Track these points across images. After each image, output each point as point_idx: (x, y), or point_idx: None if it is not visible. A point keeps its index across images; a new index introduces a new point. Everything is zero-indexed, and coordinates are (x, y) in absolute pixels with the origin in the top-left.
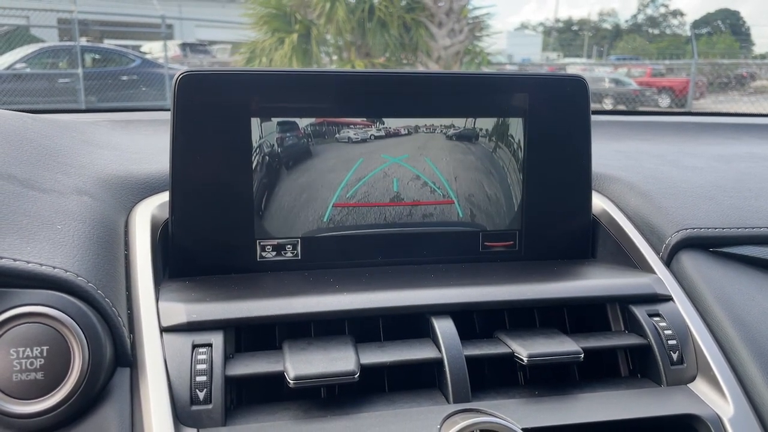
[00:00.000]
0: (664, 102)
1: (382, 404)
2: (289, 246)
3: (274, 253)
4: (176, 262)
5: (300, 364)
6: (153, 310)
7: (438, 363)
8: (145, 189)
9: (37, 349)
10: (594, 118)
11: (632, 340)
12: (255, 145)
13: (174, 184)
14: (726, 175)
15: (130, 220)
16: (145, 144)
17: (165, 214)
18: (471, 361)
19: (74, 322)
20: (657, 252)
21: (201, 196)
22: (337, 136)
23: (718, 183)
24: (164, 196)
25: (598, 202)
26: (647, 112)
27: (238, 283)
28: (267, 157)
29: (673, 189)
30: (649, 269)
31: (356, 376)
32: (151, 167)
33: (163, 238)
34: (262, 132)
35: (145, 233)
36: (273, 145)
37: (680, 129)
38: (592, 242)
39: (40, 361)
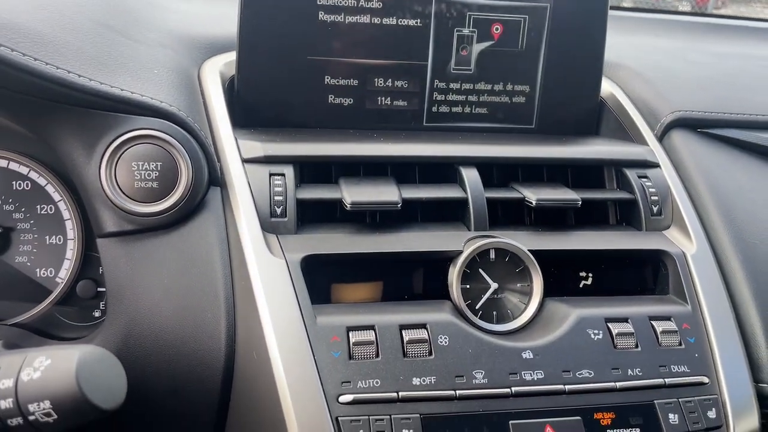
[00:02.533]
0: (684, 8)
1: (417, 229)
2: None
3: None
4: (241, 114)
5: (354, 193)
6: (234, 145)
7: (463, 202)
8: (211, 49)
9: (152, 164)
10: (612, 13)
11: (622, 195)
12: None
13: (242, 41)
14: (722, 70)
15: (201, 73)
16: (204, 9)
17: (231, 71)
18: (489, 203)
19: (180, 145)
20: (652, 130)
21: (266, 53)
22: None
23: (713, 76)
24: (228, 56)
25: (607, 86)
26: (662, 10)
27: (301, 132)
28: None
29: (674, 78)
30: (643, 143)
31: (399, 205)
32: (215, 30)
33: (228, 93)
34: None
35: (216, 85)
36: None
37: (691, 28)
38: (597, 121)
39: (155, 174)
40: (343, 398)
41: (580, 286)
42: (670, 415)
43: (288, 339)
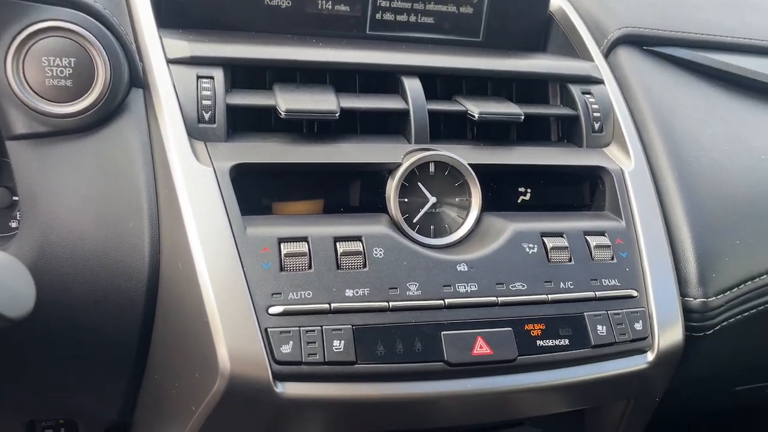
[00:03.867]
0: None
1: (355, 140)
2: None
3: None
4: (168, 14)
5: (290, 100)
6: (158, 44)
7: (404, 113)
8: None
9: (65, 60)
10: None
11: (565, 111)
12: None
13: None
14: None
15: None
16: None
17: None
18: (431, 115)
19: (97, 40)
20: (599, 46)
21: None
22: None
23: None
24: None
25: (556, 1)
26: None
27: (233, 34)
28: None
29: None
30: (589, 59)
31: (336, 114)
32: None
33: None
34: None
35: None
36: None
37: None
38: (545, 37)
39: (69, 71)
40: (273, 310)
41: (519, 201)
42: (598, 327)
43: (215, 250)
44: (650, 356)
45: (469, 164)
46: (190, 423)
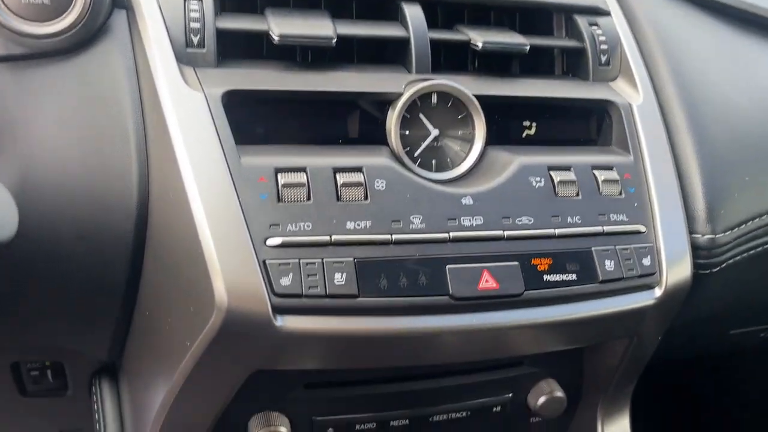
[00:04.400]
0: None
1: (353, 69)
2: None
3: None
4: None
5: (283, 25)
6: None
7: (404, 42)
8: None
9: None
10: None
11: (571, 43)
12: None
13: None
14: None
15: None
16: None
17: None
18: (432, 44)
19: None
20: None
21: None
22: None
23: None
24: None
25: None
26: None
27: None
28: None
29: None
30: None
31: (333, 41)
32: None
33: None
34: None
35: None
36: None
37: None
38: None
39: None
40: (271, 241)
41: (523, 136)
42: (606, 262)
43: (209, 180)
44: (658, 292)
45: (473, 95)
46: (183, 360)
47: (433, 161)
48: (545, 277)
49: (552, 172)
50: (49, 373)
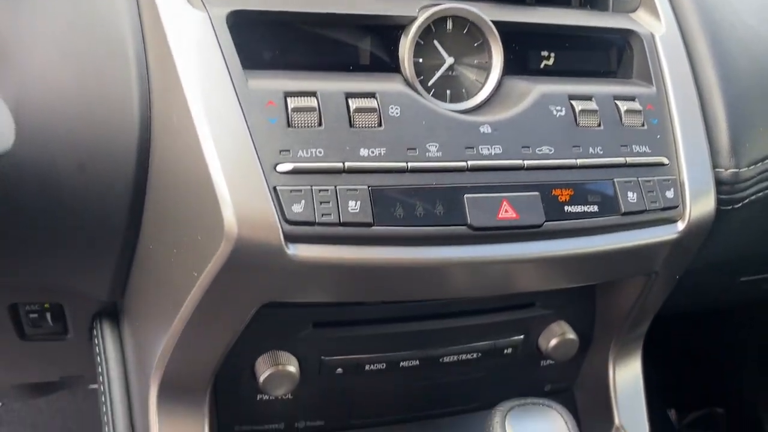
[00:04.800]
0: None
1: None
2: None
3: None
4: None
5: None
6: None
7: None
8: None
9: None
10: None
11: None
12: None
13: None
14: None
15: None
16: None
17: None
18: None
19: None
20: None
21: None
22: None
23: None
24: None
25: None
26: None
27: None
28: None
29: None
30: None
31: None
32: None
33: None
34: None
35: None
36: None
37: None
38: None
39: None
40: (282, 167)
41: (541, 66)
42: (629, 194)
43: (215, 104)
44: (680, 226)
45: (490, 21)
46: (190, 293)
47: (448, 92)
48: (566, 208)
49: (573, 102)
50: (48, 316)
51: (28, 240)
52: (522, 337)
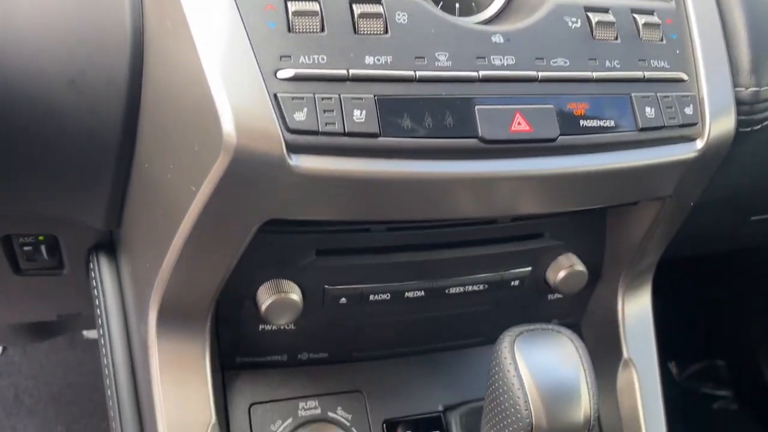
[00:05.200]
0: None
1: None
2: None
3: None
4: None
5: None
6: None
7: None
8: None
9: None
10: None
11: None
12: None
13: None
14: None
15: None
16: None
17: None
18: None
19: None
20: None
21: None
22: None
23: None
24: None
25: None
26: None
27: None
28: None
29: None
30: None
31: None
32: None
33: None
34: None
35: None
36: None
37: None
38: None
39: None
40: (282, 73)
41: None
42: (647, 109)
43: (211, 7)
44: (699, 144)
45: None
46: (188, 210)
47: (456, 5)
48: (581, 122)
49: (589, 14)
50: (43, 249)
51: (19, 163)
52: (529, 269)
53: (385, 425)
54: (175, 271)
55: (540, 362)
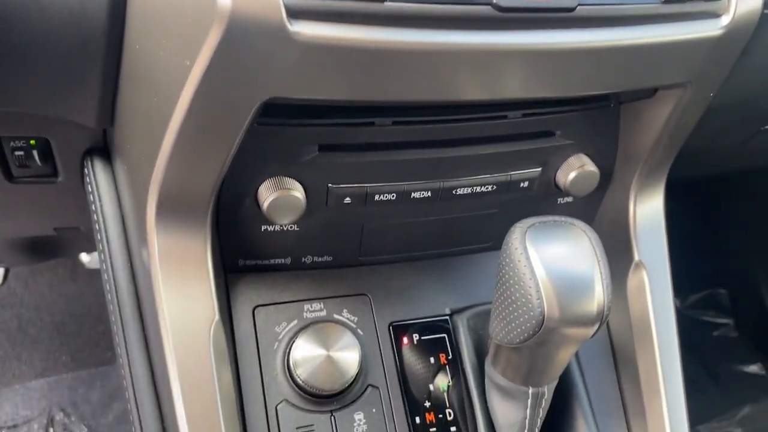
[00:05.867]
0: None
1: None
2: None
3: None
4: None
5: None
6: None
7: None
8: None
9: None
10: None
11: None
12: None
13: None
14: None
15: None
16: None
17: None
18: None
19: None
20: None
21: None
22: None
23: None
24: None
25: None
26: None
27: None
28: None
29: None
30: None
31: None
32: None
33: None
34: None
35: None
36: None
37: None
38: None
39: None
40: None
41: None
42: None
43: None
44: (725, 20)
45: None
46: (183, 90)
47: None
48: None
49: None
50: (35, 154)
51: (1, 53)
52: (539, 169)
53: (391, 328)
54: (171, 159)
55: (552, 253)
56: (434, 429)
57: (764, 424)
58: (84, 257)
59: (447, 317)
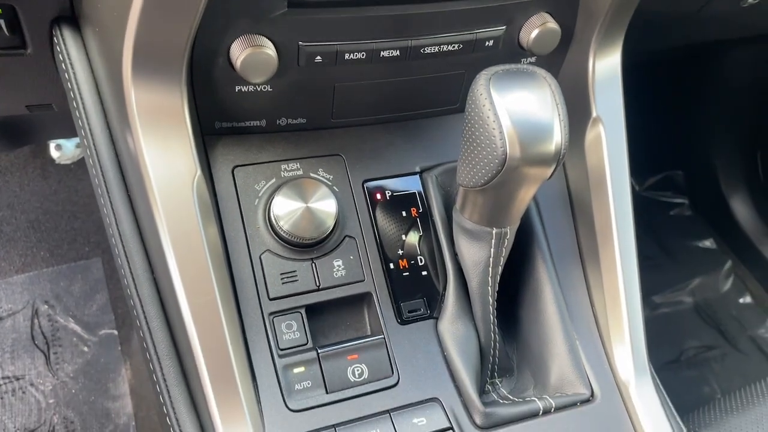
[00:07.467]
0: None
1: None
2: None
3: None
4: None
5: None
6: None
7: None
8: None
9: None
10: None
11: None
12: None
13: None
14: None
15: None
16: None
17: None
18: None
19: None
20: None
21: None
22: None
23: None
24: None
25: None
26: None
27: None
28: None
29: None
30: None
31: None
32: None
33: None
34: None
35: None
36: None
37: None
38: None
39: None
40: None
41: None
42: None
43: None
44: None
45: None
46: None
47: None
48: None
49: None
50: (2, 24)
51: None
52: (503, 27)
53: (365, 185)
54: (144, 11)
55: (515, 97)
56: (407, 273)
57: (714, 293)
58: (53, 152)
59: (417, 174)
